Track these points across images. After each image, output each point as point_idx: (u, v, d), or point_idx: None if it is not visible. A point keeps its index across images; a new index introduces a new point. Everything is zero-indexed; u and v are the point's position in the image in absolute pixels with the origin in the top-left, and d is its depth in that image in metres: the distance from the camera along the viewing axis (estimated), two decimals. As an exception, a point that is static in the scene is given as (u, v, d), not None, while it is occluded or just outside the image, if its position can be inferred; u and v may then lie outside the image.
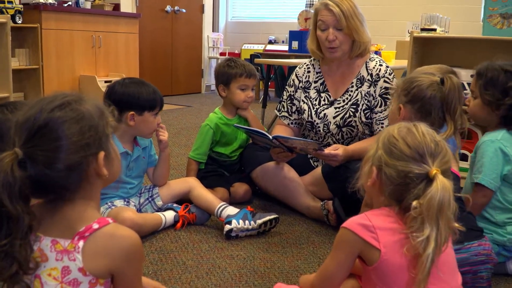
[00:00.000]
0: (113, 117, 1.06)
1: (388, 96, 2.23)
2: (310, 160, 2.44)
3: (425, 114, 1.64)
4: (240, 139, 2.49)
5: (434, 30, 2.84)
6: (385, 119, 2.24)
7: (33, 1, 4.72)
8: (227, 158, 2.49)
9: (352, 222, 1.14)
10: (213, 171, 2.46)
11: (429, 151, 1.13)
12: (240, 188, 2.42)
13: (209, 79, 7.60)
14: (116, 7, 5.77)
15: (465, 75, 2.66)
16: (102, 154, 1.02)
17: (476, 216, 1.76)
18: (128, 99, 1.93)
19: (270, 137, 2.08)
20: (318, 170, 2.29)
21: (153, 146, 2.17)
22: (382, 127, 2.24)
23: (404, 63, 4.21)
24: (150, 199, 2.14)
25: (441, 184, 1.08)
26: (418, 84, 1.66)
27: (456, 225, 1.12)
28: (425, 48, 2.87)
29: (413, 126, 1.18)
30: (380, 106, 2.25)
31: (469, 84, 2.64)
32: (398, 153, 1.14)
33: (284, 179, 2.27)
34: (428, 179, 1.10)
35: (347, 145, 2.26)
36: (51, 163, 0.95)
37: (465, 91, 2.63)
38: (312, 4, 7.67)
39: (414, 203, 1.08)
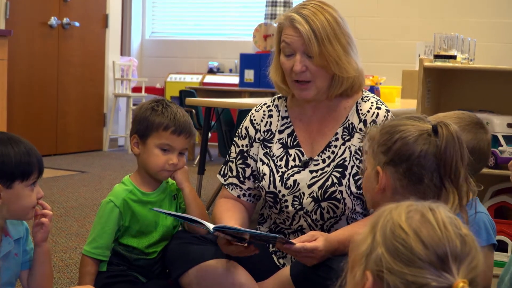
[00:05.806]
0: None
1: None
2: (274, 256, 2.46)
3: (414, 180, 1.69)
4: (163, 225, 2.49)
5: (454, 57, 2.97)
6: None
7: None
8: (143, 255, 2.48)
9: None
10: (120, 275, 2.43)
11: (453, 252, 1.13)
12: (164, 302, 2.41)
13: (115, 129, 7.60)
14: (-26, 20, 5.78)
15: (500, 124, 2.76)
16: None
17: None
18: None
19: (210, 228, 2.10)
20: (285, 271, 2.29)
21: (30, 237, 2.16)
22: (381, 202, 2.30)
23: (414, 104, 4.36)
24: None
25: None
26: (401, 136, 1.71)
27: None
28: (442, 83, 2.98)
29: (428, 210, 1.19)
30: (378, 171, 2.31)
31: (505, 137, 2.75)
32: (408, 254, 1.14)
33: (232, 286, 2.27)
34: None
35: (329, 231, 2.29)
36: None
37: (499, 148, 2.73)
38: (275, 15, 7.91)
39: None
